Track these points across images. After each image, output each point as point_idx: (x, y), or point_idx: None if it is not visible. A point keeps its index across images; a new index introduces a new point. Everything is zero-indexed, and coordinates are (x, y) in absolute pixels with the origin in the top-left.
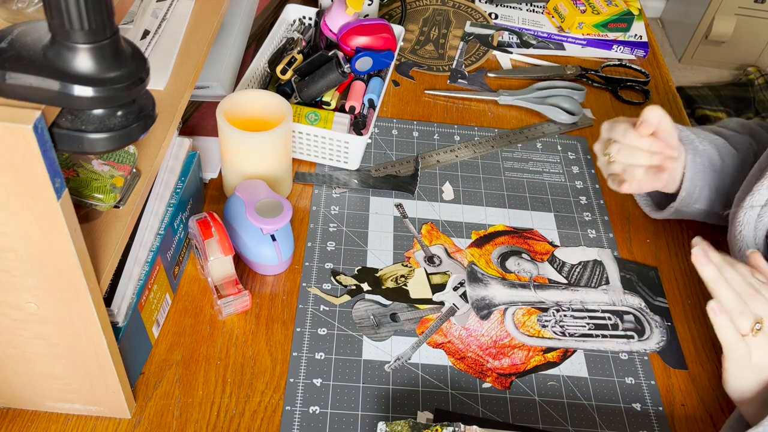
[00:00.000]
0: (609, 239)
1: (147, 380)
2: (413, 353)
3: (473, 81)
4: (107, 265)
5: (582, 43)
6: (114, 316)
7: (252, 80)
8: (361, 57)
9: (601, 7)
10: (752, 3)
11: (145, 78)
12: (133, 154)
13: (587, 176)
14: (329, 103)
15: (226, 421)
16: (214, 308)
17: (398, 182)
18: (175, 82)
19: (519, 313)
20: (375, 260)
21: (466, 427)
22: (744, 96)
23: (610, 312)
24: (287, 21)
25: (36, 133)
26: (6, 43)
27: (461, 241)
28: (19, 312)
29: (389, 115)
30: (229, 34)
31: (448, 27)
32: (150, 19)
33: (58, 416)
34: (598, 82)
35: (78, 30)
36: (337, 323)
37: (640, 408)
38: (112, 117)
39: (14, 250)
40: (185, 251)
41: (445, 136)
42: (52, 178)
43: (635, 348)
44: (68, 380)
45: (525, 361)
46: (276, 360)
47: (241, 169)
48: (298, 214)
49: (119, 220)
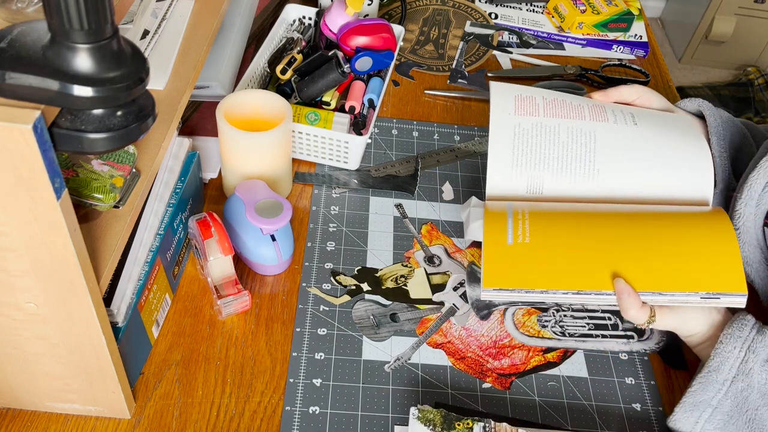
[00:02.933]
0: None
1: (147, 380)
2: (413, 353)
3: (473, 81)
4: (107, 265)
5: (582, 43)
6: (114, 316)
7: (252, 80)
8: (361, 57)
9: (601, 7)
10: (752, 3)
11: (144, 78)
12: (133, 154)
13: None
14: (329, 103)
15: (226, 421)
16: (214, 308)
17: (398, 182)
18: (174, 82)
19: (519, 314)
20: (375, 260)
21: (497, 423)
22: (744, 96)
23: (609, 312)
24: (287, 21)
25: (36, 133)
26: (6, 43)
27: (461, 241)
28: (19, 312)
29: (389, 115)
30: (229, 34)
31: (448, 27)
32: (150, 19)
33: (57, 416)
34: (598, 82)
35: (78, 30)
36: (336, 323)
37: (640, 408)
38: (112, 117)
39: (14, 250)
40: (185, 251)
41: (445, 136)
42: (51, 178)
43: (635, 348)
44: (68, 380)
45: (525, 361)
46: (276, 360)
47: (241, 169)
48: (298, 214)
49: (119, 220)
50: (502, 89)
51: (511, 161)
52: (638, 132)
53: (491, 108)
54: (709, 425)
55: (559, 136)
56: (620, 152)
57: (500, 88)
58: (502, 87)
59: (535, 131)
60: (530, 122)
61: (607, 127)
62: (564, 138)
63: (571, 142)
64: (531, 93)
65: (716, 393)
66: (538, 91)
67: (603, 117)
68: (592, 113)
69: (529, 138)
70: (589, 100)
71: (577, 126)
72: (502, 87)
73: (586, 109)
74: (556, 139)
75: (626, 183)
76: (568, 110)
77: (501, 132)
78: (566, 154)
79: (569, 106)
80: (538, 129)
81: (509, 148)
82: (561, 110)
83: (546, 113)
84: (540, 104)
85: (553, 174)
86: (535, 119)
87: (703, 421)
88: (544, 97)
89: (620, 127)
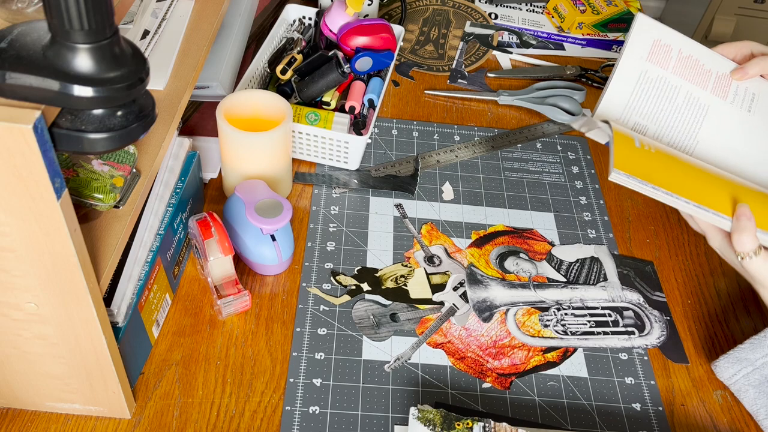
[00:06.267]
0: (609, 239)
1: (147, 380)
2: (413, 353)
3: (473, 81)
4: (107, 265)
5: (582, 43)
6: (114, 316)
7: (252, 80)
8: (361, 57)
9: (601, 7)
10: (752, 3)
11: (145, 78)
12: (133, 154)
13: (587, 176)
14: (329, 103)
15: (226, 421)
16: (214, 308)
17: (398, 182)
18: (175, 82)
19: (519, 314)
20: (375, 260)
21: (496, 423)
22: None
23: (609, 309)
24: (287, 21)
25: (36, 133)
26: (6, 43)
27: (461, 241)
28: (19, 312)
29: (389, 115)
30: (229, 34)
31: (448, 27)
32: (150, 19)
33: (58, 416)
34: (598, 82)
35: (78, 30)
36: (337, 323)
37: (640, 408)
38: (112, 117)
39: (14, 250)
40: (185, 251)
41: (445, 136)
42: (52, 178)
43: (636, 344)
44: (68, 380)
45: (525, 361)
46: (276, 360)
47: (241, 169)
48: (298, 214)
49: (119, 220)
50: (646, 26)
51: (625, 104)
52: (748, 120)
53: (628, 42)
54: (745, 381)
55: (676, 98)
56: (722, 134)
57: (644, 25)
58: (646, 23)
59: (657, 84)
60: (657, 74)
61: (722, 106)
62: (680, 101)
63: (684, 108)
64: (670, 40)
65: (763, 356)
66: (679, 39)
67: (723, 93)
68: (716, 85)
69: (649, 88)
70: (720, 67)
71: (696, 94)
72: (646, 23)
73: (712, 79)
74: (673, 99)
75: (717, 165)
76: (695, 73)
77: (627, 74)
78: (675, 118)
79: (699, 69)
80: (661, 83)
81: (628, 93)
82: (689, 71)
83: (675, 69)
84: (673, 57)
85: (657, 129)
86: (662, 72)
87: (740, 376)
88: (681, 50)
89: (734, 110)
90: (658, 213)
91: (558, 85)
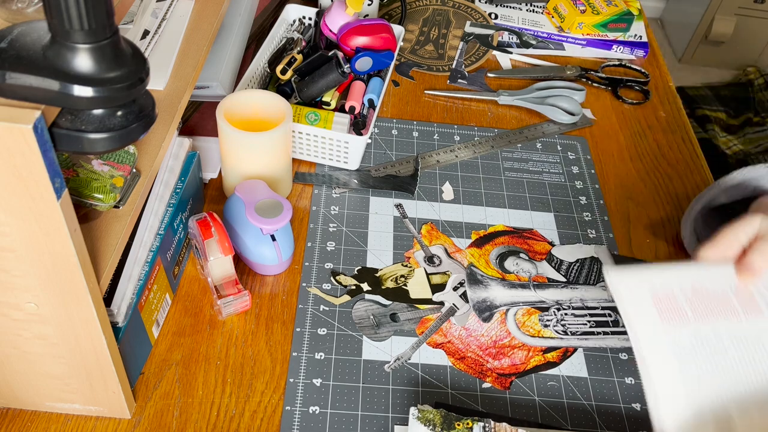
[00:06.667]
0: (609, 239)
1: (147, 380)
2: (413, 353)
3: (473, 81)
4: (107, 265)
5: (582, 43)
6: (114, 316)
7: (252, 80)
8: (361, 57)
9: (601, 7)
10: (752, 3)
11: (145, 78)
12: (133, 154)
13: (587, 176)
14: (329, 103)
15: (226, 421)
16: (214, 308)
17: (398, 182)
18: (175, 82)
19: (519, 314)
20: (375, 260)
21: (496, 423)
22: (744, 96)
23: (609, 309)
24: (287, 21)
25: (36, 133)
26: (6, 43)
27: (461, 241)
28: (19, 312)
29: (389, 115)
30: (229, 34)
31: (448, 27)
32: (150, 19)
33: (58, 416)
34: (598, 82)
35: (78, 30)
36: (336, 323)
37: (640, 408)
38: (112, 117)
39: (14, 250)
40: (185, 251)
41: (445, 136)
42: (52, 178)
43: None
44: (68, 380)
45: (525, 361)
46: (276, 360)
47: (241, 169)
48: (298, 214)
49: (119, 220)
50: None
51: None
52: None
53: (624, 315)
54: None
55: (727, 353)
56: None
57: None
58: (624, 281)
59: (696, 348)
60: (686, 335)
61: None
62: (733, 353)
63: (743, 357)
64: (662, 282)
65: None
66: (662, 270)
67: (755, 308)
68: (742, 303)
69: (693, 358)
70: (726, 279)
71: (736, 330)
72: (624, 281)
73: (732, 299)
74: (723, 354)
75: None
76: (714, 303)
77: (657, 355)
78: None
79: (712, 295)
80: (699, 343)
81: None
82: (707, 304)
83: (695, 313)
84: (680, 299)
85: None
86: (688, 328)
87: None
88: (681, 286)
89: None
90: (658, 213)
91: (558, 85)
